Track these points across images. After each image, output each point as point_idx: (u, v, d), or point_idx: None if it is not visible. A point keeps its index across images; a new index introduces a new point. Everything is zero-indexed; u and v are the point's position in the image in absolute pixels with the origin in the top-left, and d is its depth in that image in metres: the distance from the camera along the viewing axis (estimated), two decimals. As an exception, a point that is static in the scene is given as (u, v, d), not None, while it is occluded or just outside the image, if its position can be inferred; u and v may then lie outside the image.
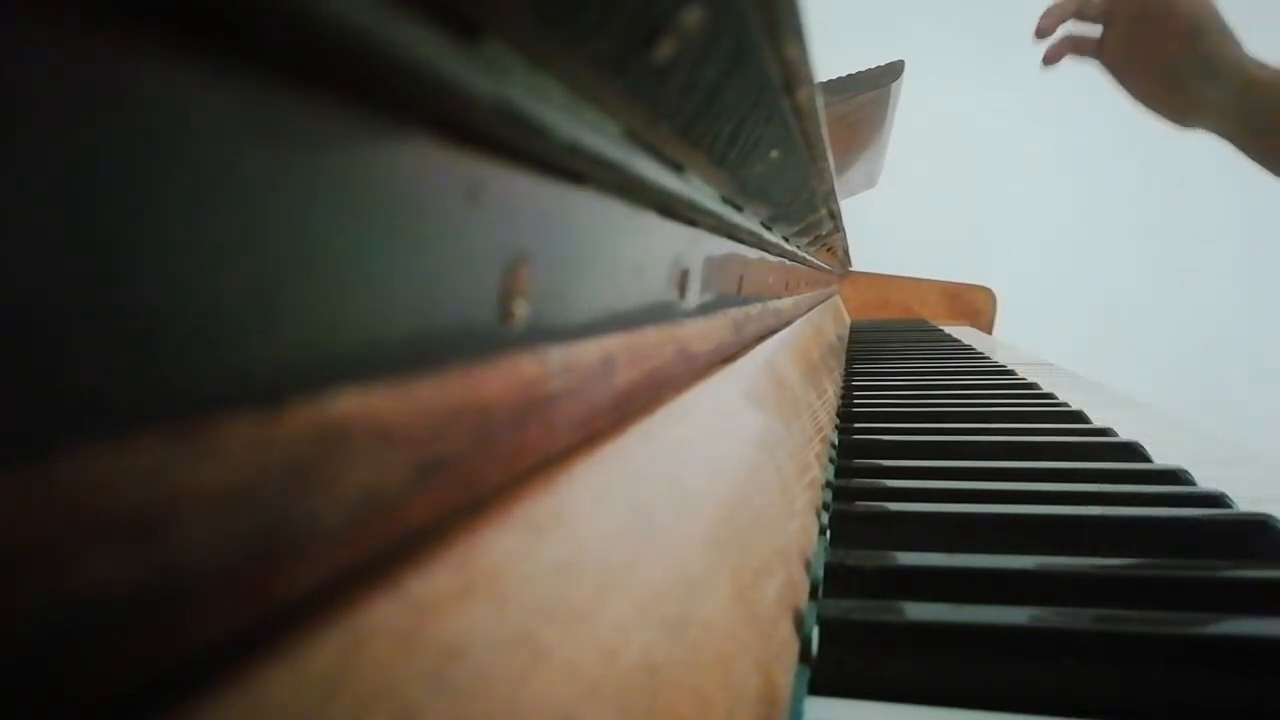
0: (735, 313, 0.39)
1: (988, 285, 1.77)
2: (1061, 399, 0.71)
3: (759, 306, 0.47)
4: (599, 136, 0.16)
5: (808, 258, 0.72)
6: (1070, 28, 0.83)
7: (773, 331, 0.52)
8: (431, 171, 0.12)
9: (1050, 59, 0.82)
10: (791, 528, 0.31)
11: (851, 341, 1.21)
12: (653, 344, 0.24)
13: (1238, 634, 0.25)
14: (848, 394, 0.74)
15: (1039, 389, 0.76)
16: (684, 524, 0.21)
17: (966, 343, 1.24)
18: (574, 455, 0.17)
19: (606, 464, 0.18)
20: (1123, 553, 0.32)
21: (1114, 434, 0.56)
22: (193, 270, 0.08)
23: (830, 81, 0.88)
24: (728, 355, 0.37)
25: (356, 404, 0.10)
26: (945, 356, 1.06)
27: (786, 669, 0.24)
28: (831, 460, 0.50)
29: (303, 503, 0.09)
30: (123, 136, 0.07)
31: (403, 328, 0.11)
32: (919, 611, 0.27)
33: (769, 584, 0.25)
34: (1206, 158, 2.10)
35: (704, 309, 0.32)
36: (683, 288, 0.28)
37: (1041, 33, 0.80)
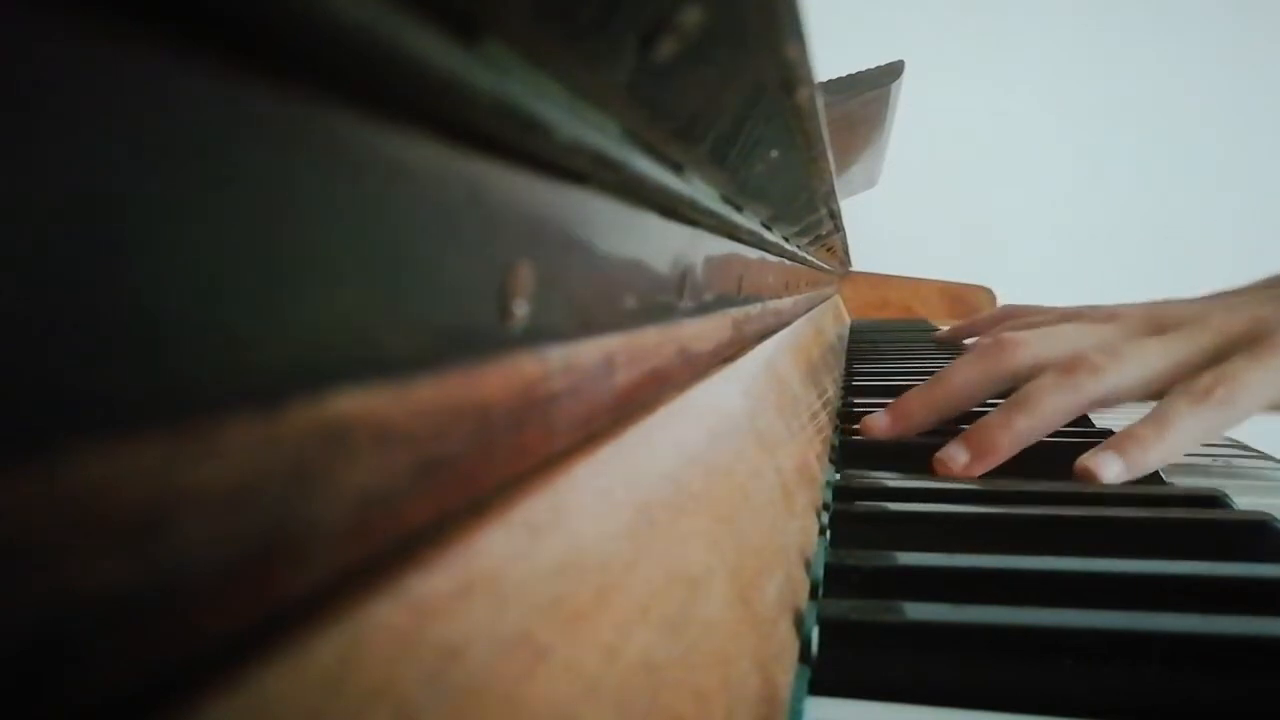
0: (735, 313, 0.39)
1: (988, 285, 1.76)
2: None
3: (759, 306, 0.47)
4: (599, 136, 0.16)
5: (808, 258, 0.72)
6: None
7: (773, 331, 0.52)
8: (431, 170, 0.12)
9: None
10: (791, 528, 0.31)
11: (851, 341, 1.21)
12: (653, 344, 0.24)
13: (1238, 634, 0.25)
14: (848, 394, 0.74)
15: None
16: (684, 524, 0.21)
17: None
18: (574, 455, 0.17)
19: (606, 464, 0.18)
20: (1122, 553, 0.32)
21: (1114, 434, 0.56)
22: (193, 269, 0.08)
23: (830, 81, 0.88)
24: (728, 355, 0.37)
25: (356, 404, 0.10)
26: (946, 356, 1.06)
27: (786, 669, 0.24)
28: (831, 460, 0.50)
29: (303, 503, 0.09)
30: (122, 135, 0.07)
31: (403, 327, 0.11)
32: (919, 611, 0.27)
33: (769, 584, 0.25)
34: (1209, 157, 2.10)
35: (704, 309, 0.32)
36: (683, 288, 0.28)
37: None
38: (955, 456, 0.49)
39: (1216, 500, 0.40)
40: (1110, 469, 0.45)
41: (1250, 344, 0.48)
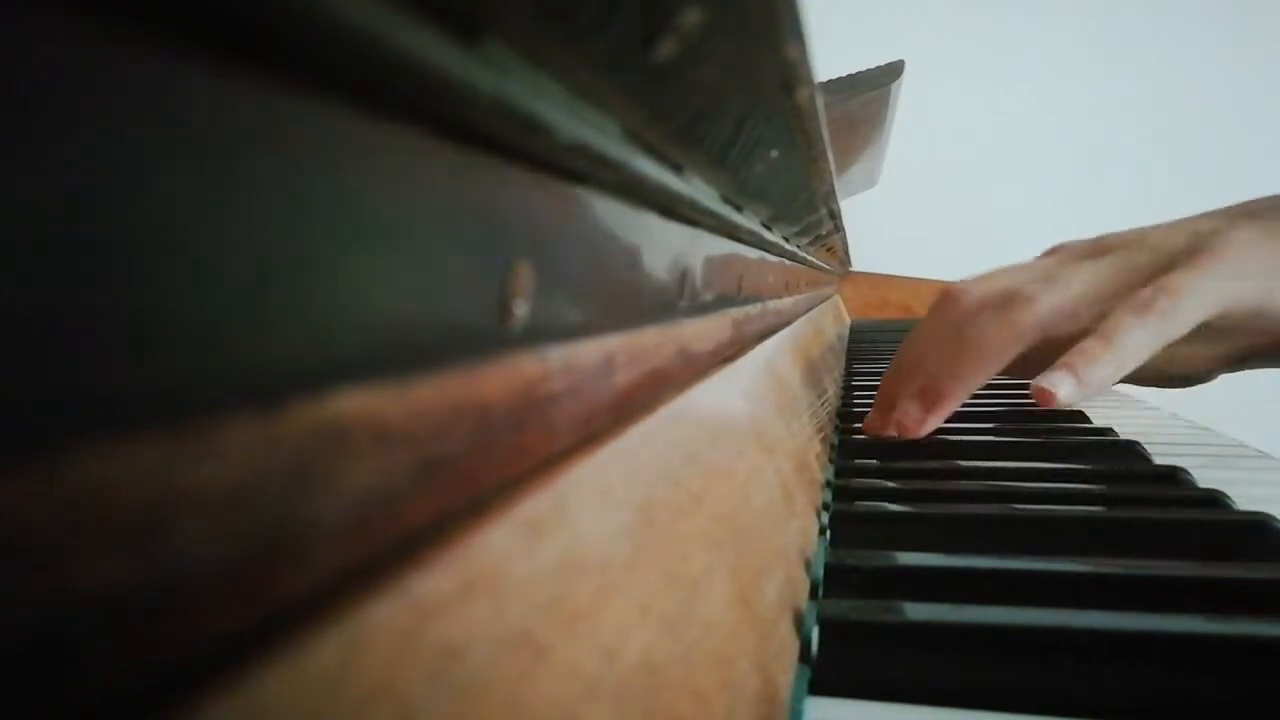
0: (735, 313, 0.39)
1: (988, 285, 1.76)
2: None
3: (759, 306, 0.47)
4: (599, 136, 0.16)
5: (808, 258, 0.72)
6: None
7: (773, 331, 0.52)
8: (431, 170, 0.12)
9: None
10: (791, 528, 0.31)
11: (851, 341, 1.21)
12: (653, 344, 0.24)
13: (1238, 634, 0.25)
14: (848, 394, 0.74)
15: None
16: (684, 524, 0.21)
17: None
18: (574, 455, 0.17)
19: (606, 464, 0.18)
20: (1122, 553, 0.32)
21: (1114, 434, 0.56)
22: (193, 270, 0.08)
23: (830, 81, 0.88)
24: (728, 355, 0.37)
25: (356, 404, 0.10)
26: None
27: (786, 669, 0.24)
28: (831, 460, 0.50)
29: (303, 503, 0.09)
30: (123, 135, 0.07)
31: (403, 328, 0.11)
32: (919, 611, 0.27)
33: (769, 584, 0.25)
34: (1209, 157, 2.10)
35: (704, 309, 0.32)
36: (683, 288, 0.28)
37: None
38: (909, 412, 0.49)
39: (1216, 500, 0.40)
40: (1064, 386, 0.44)
41: (1189, 255, 0.47)
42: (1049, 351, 0.48)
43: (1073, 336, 0.49)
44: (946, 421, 0.54)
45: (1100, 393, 0.44)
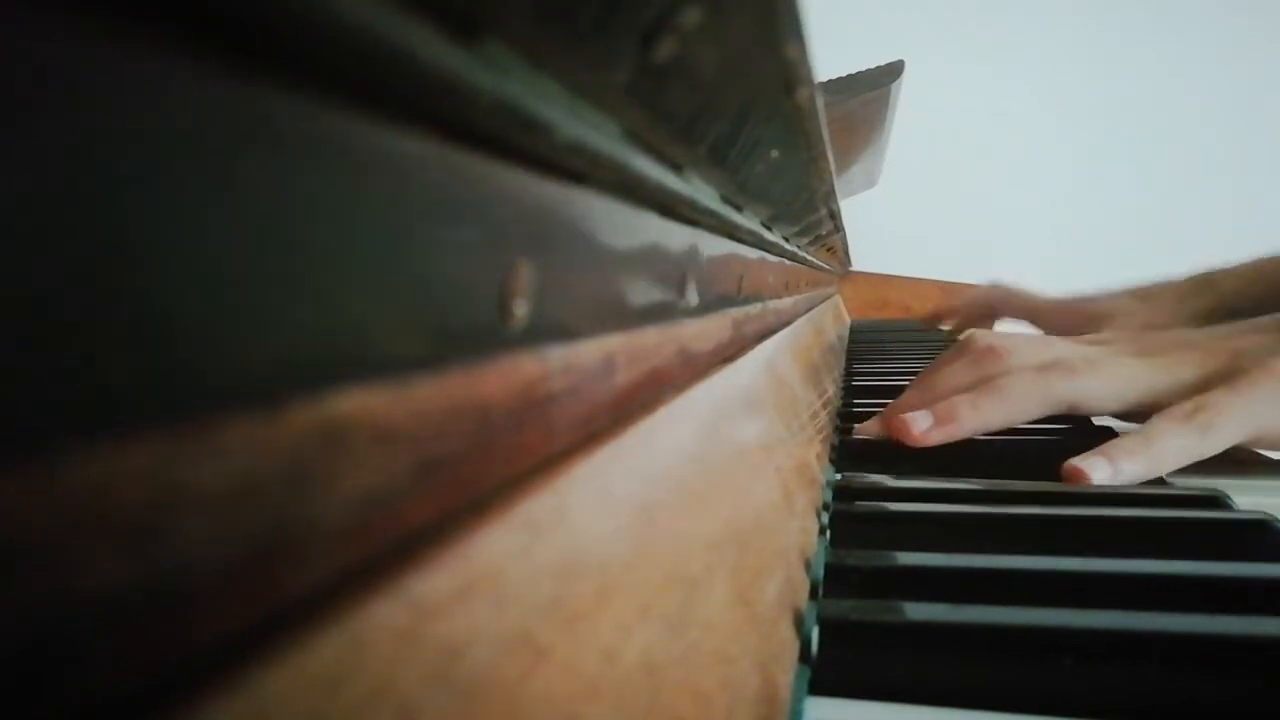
0: (735, 313, 0.39)
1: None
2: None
3: (759, 306, 0.47)
4: (599, 136, 0.16)
5: (808, 258, 0.72)
6: None
7: (773, 331, 0.52)
8: (431, 170, 0.12)
9: None
10: (791, 528, 0.31)
11: (851, 341, 1.21)
12: (653, 344, 0.24)
13: (1238, 634, 0.25)
14: (848, 394, 0.74)
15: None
16: (684, 524, 0.21)
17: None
18: (574, 455, 0.17)
19: (606, 464, 0.18)
20: (1122, 553, 0.32)
21: (1114, 433, 0.56)
22: (193, 270, 0.08)
23: (830, 81, 0.88)
24: (728, 355, 0.37)
25: (356, 404, 0.10)
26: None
27: (786, 669, 0.24)
28: (831, 460, 0.50)
29: (303, 503, 0.09)
30: (122, 135, 0.07)
31: (403, 328, 0.11)
32: (919, 611, 0.27)
33: (769, 584, 0.25)
34: (1209, 157, 2.10)
35: (704, 309, 0.32)
36: (682, 288, 0.28)
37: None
38: (918, 420, 0.51)
39: (1217, 500, 0.40)
40: (1098, 472, 0.46)
41: (1228, 377, 0.50)
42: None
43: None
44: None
45: (1129, 483, 0.47)
